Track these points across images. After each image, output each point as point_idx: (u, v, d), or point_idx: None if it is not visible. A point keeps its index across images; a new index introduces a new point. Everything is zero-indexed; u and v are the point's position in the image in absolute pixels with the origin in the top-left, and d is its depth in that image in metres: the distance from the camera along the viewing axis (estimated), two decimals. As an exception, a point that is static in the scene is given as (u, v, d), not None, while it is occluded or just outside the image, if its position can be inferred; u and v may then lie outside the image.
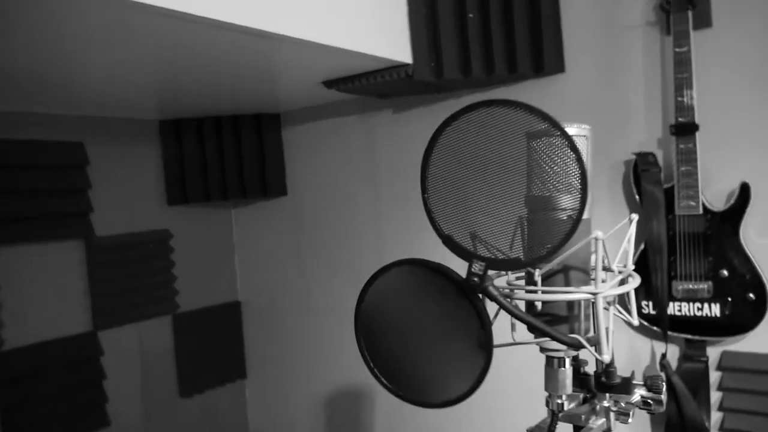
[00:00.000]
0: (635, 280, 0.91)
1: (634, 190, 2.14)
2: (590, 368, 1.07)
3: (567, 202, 0.86)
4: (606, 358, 0.84)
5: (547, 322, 0.89)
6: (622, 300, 1.01)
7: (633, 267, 0.95)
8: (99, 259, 2.86)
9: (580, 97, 2.32)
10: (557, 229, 0.82)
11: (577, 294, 0.84)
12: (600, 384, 1.01)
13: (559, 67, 2.33)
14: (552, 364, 0.95)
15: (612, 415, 1.04)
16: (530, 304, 0.89)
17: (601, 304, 0.82)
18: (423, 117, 2.70)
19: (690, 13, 1.99)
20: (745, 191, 1.95)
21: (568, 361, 0.94)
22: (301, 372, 3.37)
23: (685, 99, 2.00)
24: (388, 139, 2.84)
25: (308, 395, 3.35)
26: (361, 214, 2.98)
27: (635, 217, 0.93)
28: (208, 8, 1.51)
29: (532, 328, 0.86)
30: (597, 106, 2.30)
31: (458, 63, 2.30)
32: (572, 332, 0.90)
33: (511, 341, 0.90)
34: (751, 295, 1.93)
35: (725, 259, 1.97)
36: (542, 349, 0.95)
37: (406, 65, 2.26)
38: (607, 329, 0.84)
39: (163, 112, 3.05)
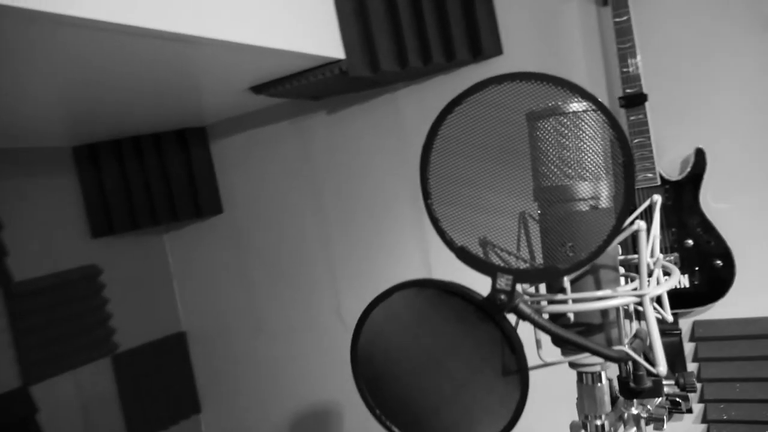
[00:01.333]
0: (675, 273, 0.78)
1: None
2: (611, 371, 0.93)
3: (586, 190, 0.72)
4: (662, 370, 0.70)
5: (580, 333, 0.75)
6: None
7: (664, 256, 0.82)
8: (21, 307, 2.55)
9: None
10: (588, 226, 0.68)
11: (622, 298, 0.70)
12: (628, 390, 0.88)
13: (497, 49, 2.23)
14: (586, 381, 0.81)
15: (642, 422, 0.91)
16: (557, 315, 0.75)
17: (650, 307, 0.69)
18: (360, 116, 2.54)
19: (626, -16, 1.92)
20: (700, 157, 1.89)
21: (604, 376, 0.80)
22: (258, 398, 3.15)
23: (630, 69, 1.93)
24: (325, 142, 2.66)
25: (269, 422, 3.13)
26: (306, 224, 2.79)
27: (658, 198, 0.81)
28: (112, 12, 1.30)
29: (571, 345, 0.72)
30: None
31: (394, 54, 2.16)
32: (609, 341, 0.76)
33: (540, 362, 0.75)
34: (718, 261, 1.88)
35: (688, 228, 1.90)
36: (573, 365, 0.81)
37: (339, 61, 2.10)
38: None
39: (75, 137, 2.76)
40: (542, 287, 0.80)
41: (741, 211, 1.90)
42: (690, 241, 1.90)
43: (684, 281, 1.93)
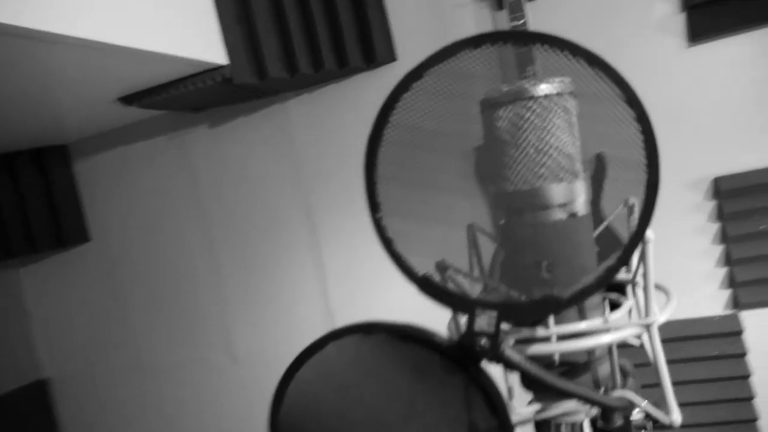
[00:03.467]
0: (672, 294, 0.64)
1: (473, 171, 1.95)
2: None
3: (562, 193, 0.56)
4: (677, 419, 0.56)
5: (564, 374, 0.59)
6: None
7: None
8: None
9: (415, 104, 2.09)
10: (567, 238, 0.52)
11: (626, 329, 0.55)
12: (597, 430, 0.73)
13: (390, 55, 2.10)
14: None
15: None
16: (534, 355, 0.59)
17: (658, 338, 0.54)
18: (247, 129, 2.31)
19: (520, -14, 1.85)
20: (601, 161, 1.84)
21: (587, 425, 0.64)
22: (141, 445, 2.78)
23: (528, 74, 1.85)
24: (209, 159, 2.40)
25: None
26: (190, 250, 2.49)
27: (634, 200, 0.67)
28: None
29: (573, 397, 0.56)
30: (430, 108, 2.08)
31: (282, 60, 1.97)
32: (597, 382, 0.61)
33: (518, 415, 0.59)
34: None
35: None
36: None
37: (222, 67, 1.88)
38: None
39: None
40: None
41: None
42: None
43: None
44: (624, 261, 0.48)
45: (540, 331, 0.55)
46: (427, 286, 0.52)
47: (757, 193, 1.74)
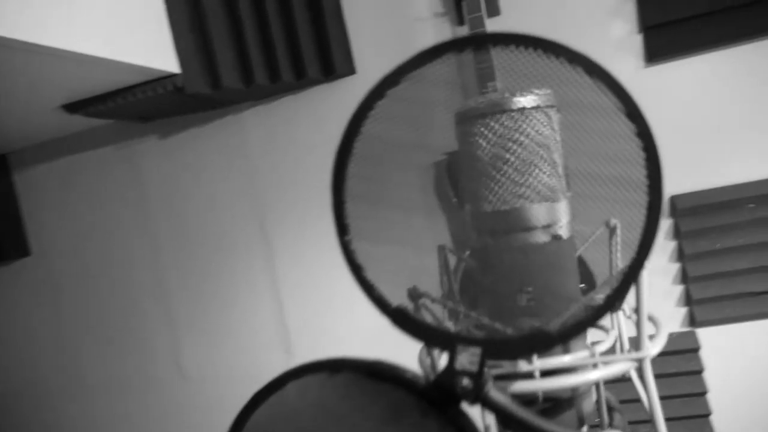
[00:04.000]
0: (661, 324, 0.60)
1: (451, 193, 1.91)
2: None
3: (545, 213, 0.52)
4: (670, 461, 0.51)
5: (545, 411, 0.54)
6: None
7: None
8: None
9: (388, 113, 2.05)
10: (551, 263, 0.47)
11: (618, 364, 0.50)
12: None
13: (349, 68, 2.05)
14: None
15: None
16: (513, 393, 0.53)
17: (650, 372, 0.50)
18: (200, 140, 2.22)
19: (482, 0, 1.84)
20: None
21: (570, 462, 0.59)
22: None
23: (489, 90, 1.83)
24: (159, 171, 2.29)
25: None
26: (138, 264, 2.37)
27: (615, 221, 0.63)
28: None
29: None
30: (402, 119, 2.04)
31: (237, 70, 1.90)
32: (581, 419, 0.56)
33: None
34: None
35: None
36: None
37: (173, 76, 1.79)
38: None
39: None
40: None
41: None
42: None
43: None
44: (624, 291, 0.44)
45: (522, 366, 0.50)
46: (401, 319, 0.47)
47: (712, 211, 1.75)
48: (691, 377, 1.81)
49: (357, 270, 0.47)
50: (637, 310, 0.51)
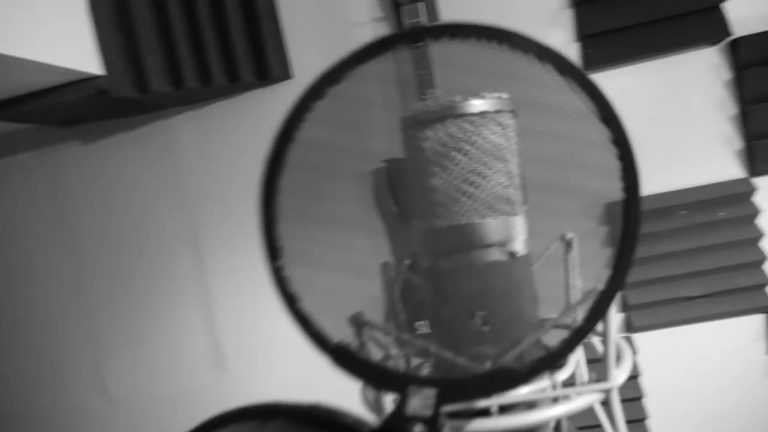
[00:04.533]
0: (626, 352, 0.56)
1: (391, 201, 1.86)
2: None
3: (501, 229, 0.47)
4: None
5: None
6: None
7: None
8: None
9: (326, 117, 1.98)
10: (507, 284, 0.42)
11: (585, 396, 0.46)
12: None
13: (285, 72, 1.98)
14: None
15: None
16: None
17: (618, 403, 0.45)
18: (126, 147, 2.09)
19: (421, 5, 1.81)
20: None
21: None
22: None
23: (428, 96, 1.80)
24: (81, 179, 2.15)
25: None
26: (57, 281, 2.22)
27: (569, 235, 0.59)
28: None
29: None
30: (341, 124, 1.98)
31: (166, 73, 1.81)
32: (539, 452, 0.52)
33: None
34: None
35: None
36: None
37: (97, 78, 1.68)
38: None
39: None
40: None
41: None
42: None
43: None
44: (601, 314, 0.39)
45: (479, 401, 0.45)
46: (344, 358, 0.41)
47: (649, 218, 1.77)
48: (627, 382, 1.82)
49: (291, 301, 0.41)
50: (603, 334, 0.47)
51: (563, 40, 1.83)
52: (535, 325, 0.52)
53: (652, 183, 1.82)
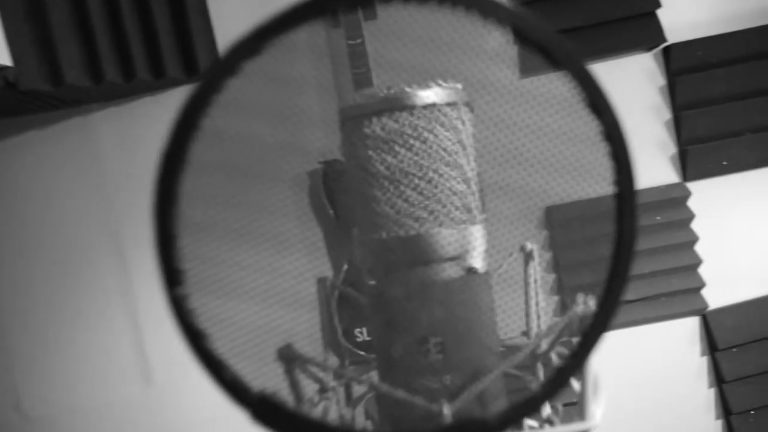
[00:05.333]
0: (602, 386, 0.50)
1: (327, 205, 1.79)
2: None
3: (455, 240, 0.40)
4: None
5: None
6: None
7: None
8: None
9: (244, 101, 1.88)
10: (463, 305, 0.35)
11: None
12: None
13: (215, 69, 1.86)
14: None
15: None
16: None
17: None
18: (39, 145, 1.92)
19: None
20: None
21: None
22: None
23: (360, 71, 1.76)
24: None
25: None
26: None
27: (529, 246, 0.52)
28: None
29: None
30: (265, 112, 1.89)
31: (84, 65, 1.67)
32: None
33: None
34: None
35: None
36: None
37: (4, 69, 1.54)
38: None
39: None
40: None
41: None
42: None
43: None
44: (588, 352, 0.33)
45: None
46: (268, 412, 0.32)
47: (586, 222, 1.76)
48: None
49: (196, 338, 0.32)
50: (582, 370, 0.41)
51: (503, 41, 1.80)
52: (498, 354, 0.45)
53: (590, 186, 1.81)
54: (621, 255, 0.34)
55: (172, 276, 0.31)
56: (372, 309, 0.43)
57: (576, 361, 0.34)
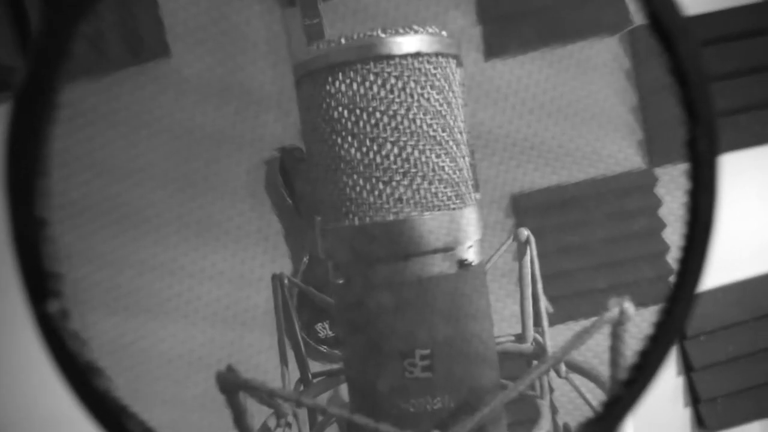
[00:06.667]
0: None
1: (285, 194, 1.69)
2: None
3: (444, 226, 0.31)
4: None
5: None
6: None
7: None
8: None
9: (194, 84, 1.76)
10: (457, 308, 0.27)
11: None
12: None
13: (162, 50, 1.75)
14: None
15: None
16: None
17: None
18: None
19: None
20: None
21: None
22: None
23: (314, 21, 1.69)
24: None
25: None
26: None
27: (525, 233, 0.44)
28: None
29: None
30: (217, 95, 1.77)
31: (13, 45, 1.52)
32: None
33: None
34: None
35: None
36: None
37: None
38: None
39: None
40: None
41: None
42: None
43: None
44: (651, 377, 0.24)
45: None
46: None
47: (553, 210, 1.70)
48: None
49: (82, 377, 0.22)
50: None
51: (466, 23, 1.72)
52: (497, 369, 0.37)
53: (555, 174, 1.75)
54: (696, 240, 0.25)
55: (41, 284, 0.21)
56: (340, 315, 0.34)
57: (637, 391, 0.26)
